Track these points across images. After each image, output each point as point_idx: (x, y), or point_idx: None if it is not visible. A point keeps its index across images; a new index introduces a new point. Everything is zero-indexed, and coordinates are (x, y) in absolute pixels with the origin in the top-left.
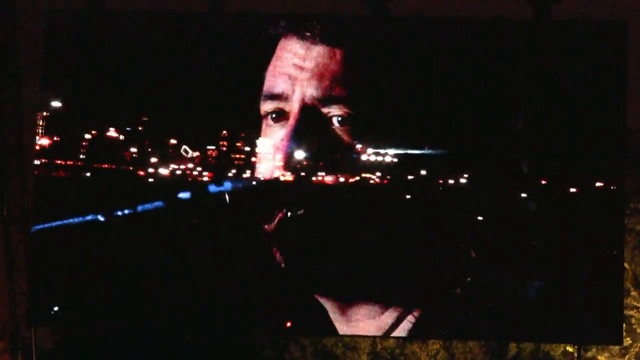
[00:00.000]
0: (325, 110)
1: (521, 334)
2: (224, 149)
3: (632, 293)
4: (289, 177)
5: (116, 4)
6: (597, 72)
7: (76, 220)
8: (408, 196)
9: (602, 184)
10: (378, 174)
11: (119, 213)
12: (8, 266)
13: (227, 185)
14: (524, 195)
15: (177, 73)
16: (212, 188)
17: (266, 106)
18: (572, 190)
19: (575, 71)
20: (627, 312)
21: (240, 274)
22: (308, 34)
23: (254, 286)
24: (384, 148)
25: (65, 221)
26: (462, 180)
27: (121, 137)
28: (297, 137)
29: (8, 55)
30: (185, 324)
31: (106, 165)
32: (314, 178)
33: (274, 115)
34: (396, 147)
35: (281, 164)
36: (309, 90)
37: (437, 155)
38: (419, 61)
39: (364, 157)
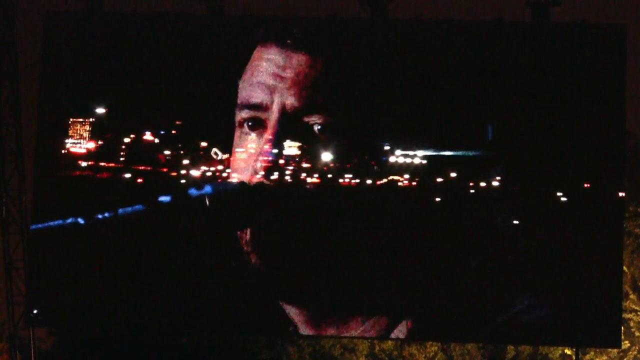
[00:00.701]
0: (306, 119)
1: (519, 337)
2: (252, 151)
3: (631, 296)
4: (269, 182)
5: (115, 6)
6: (596, 75)
7: (68, 221)
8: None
9: (601, 187)
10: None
11: (105, 215)
12: (6, 266)
13: (208, 189)
14: (524, 197)
15: (199, 76)
16: (193, 192)
17: (243, 114)
18: (571, 193)
19: (575, 74)
20: (626, 316)
21: (237, 276)
22: (288, 41)
23: (250, 288)
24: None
25: (62, 222)
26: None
27: (156, 140)
28: (278, 144)
29: (6, 55)
30: (183, 325)
31: (142, 167)
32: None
33: (250, 124)
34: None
35: (262, 171)
36: (289, 99)
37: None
38: (413, 63)
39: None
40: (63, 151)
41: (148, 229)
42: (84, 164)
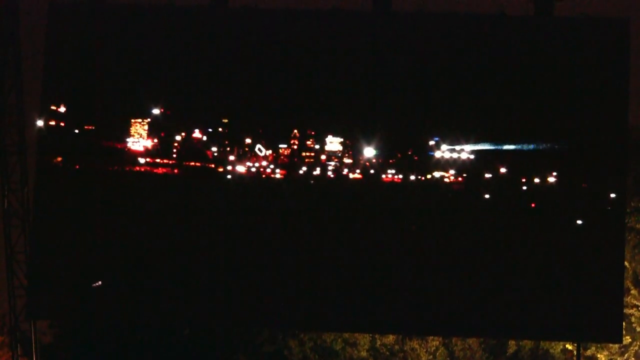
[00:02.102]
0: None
1: (520, 332)
2: (295, 147)
3: (632, 292)
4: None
5: None
6: (600, 69)
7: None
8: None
9: (603, 183)
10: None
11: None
12: (7, 258)
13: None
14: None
15: (245, 73)
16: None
17: None
18: (573, 188)
19: (578, 68)
20: (627, 311)
21: (242, 269)
22: None
23: (256, 281)
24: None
25: None
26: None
27: (204, 137)
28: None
29: (10, 47)
30: (186, 317)
31: (193, 163)
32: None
33: None
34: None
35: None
36: None
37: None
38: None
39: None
40: (124, 148)
41: (151, 221)
42: (142, 160)
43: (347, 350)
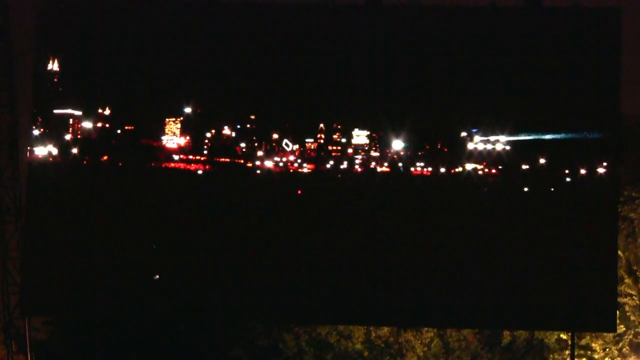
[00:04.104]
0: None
1: (515, 322)
2: (322, 141)
3: (626, 280)
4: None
5: None
6: (592, 59)
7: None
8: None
9: (596, 171)
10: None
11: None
12: (1, 256)
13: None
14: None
15: (274, 69)
16: None
17: None
18: (566, 177)
19: (570, 58)
20: (621, 300)
21: (238, 263)
22: None
23: (251, 275)
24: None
25: None
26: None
27: (233, 134)
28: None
29: (0, 44)
30: (181, 312)
31: (223, 159)
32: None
33: None
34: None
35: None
36: None
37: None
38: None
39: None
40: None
41: (146, 217)
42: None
43: (342, 342)
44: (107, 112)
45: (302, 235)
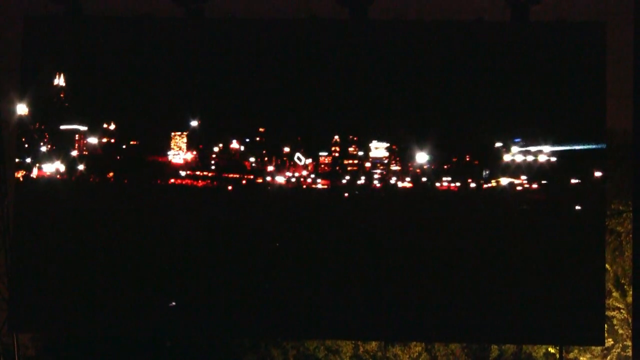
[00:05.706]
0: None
1: (503, 336)
2: (337, 154)
3: (614, 294)
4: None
5: (94, 9)
6: (577, 74)
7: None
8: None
9: (583, 186)
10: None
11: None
12: None
13: None
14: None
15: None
16: None
17: None
18: (553, 192)
19: (556, 72)
20: (609, 313)
21: (228, 278)
22: None
23: (239, 290)
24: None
25: None
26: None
27: (242, 148)
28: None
29: None
30: (168, 328)
31: (231, 175)
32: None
33: None
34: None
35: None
36: None
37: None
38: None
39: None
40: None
41: (134, 233)
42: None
43: (329, 357)
44: (112, 126)
45: (296, 250)
